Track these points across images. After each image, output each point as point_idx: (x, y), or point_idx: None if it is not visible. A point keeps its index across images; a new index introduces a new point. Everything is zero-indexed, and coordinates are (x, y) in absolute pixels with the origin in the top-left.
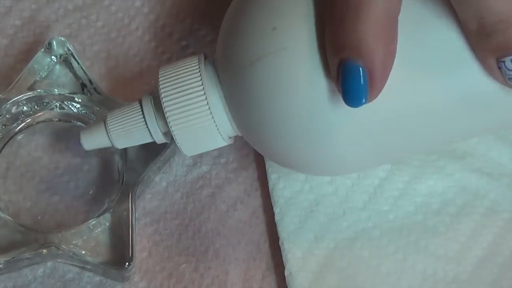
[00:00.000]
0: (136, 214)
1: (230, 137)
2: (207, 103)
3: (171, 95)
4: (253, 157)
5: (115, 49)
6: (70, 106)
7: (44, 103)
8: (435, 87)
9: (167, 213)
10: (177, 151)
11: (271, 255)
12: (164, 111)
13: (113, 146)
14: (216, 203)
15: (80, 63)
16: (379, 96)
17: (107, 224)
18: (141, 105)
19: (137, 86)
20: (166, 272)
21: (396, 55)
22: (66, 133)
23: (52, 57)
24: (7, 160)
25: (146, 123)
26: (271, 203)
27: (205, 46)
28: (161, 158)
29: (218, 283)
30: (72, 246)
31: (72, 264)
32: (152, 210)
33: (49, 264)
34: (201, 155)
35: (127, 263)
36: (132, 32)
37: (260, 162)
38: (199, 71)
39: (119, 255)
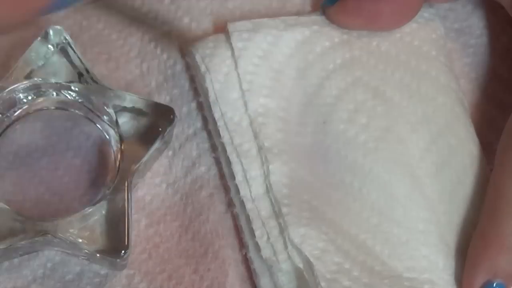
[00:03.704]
0: (137, 216)
1: None
2: None
3: None
4: None
5: (116, 51)
6: (67, 95)
7: (41, 92)
8: None
9: (167, 215)
10: (176, 152)
11: None
12: None
13: None
14: (214, 204)
15: (77, 52)
16: None
17: (103, 212)
18: None
19: (138, 88)
20: (166, 273)
21: None
22: (62, 121)
23: (49, 46)
24: (3, 148)
25: None
26: None
27: None
28: (157, 148)
29: (218, 285)
30: (68, 234)
31: (68, 253)
32: (153, 212)
33: (49, 265)
34: (199, 156)
35: (123, 251)
36: (133, 33)
37: None
38: None
39: (116, 243)
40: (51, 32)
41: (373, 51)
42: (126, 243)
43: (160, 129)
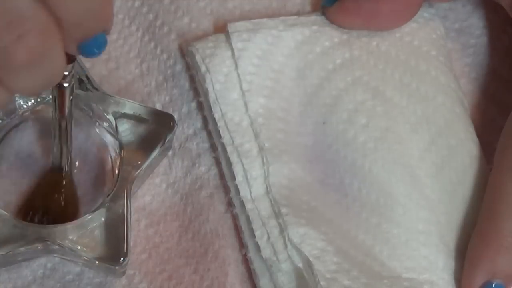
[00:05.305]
0: (137, 216)
1: None
2: None
3: None
4: None
5: (116, 50)
6: None
7: (41, 98)
8: None
9: (167, 215)
10: (176, 152)
11: None
12: None
13: None
14: (214, 204)
15: (77, 59)
16: None
17: (103, 220)
18: None
19: (138, 88)
20: (166, 273)
21: None
22: None
23: None
24: (3, 153)
25: None
26: None
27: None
28: (157, 155)
29: (218, 285)
30: (67, 241)
31: (67, 259)
32: (153, 212)
33: (49, 265)
34: (199, 156)
35: (122, 259)
36: (132, 33)
37: None
38: None
39: (115, 250)
40: None
41: (373, 51)
42: (125, 250)
43: (160, 136)
